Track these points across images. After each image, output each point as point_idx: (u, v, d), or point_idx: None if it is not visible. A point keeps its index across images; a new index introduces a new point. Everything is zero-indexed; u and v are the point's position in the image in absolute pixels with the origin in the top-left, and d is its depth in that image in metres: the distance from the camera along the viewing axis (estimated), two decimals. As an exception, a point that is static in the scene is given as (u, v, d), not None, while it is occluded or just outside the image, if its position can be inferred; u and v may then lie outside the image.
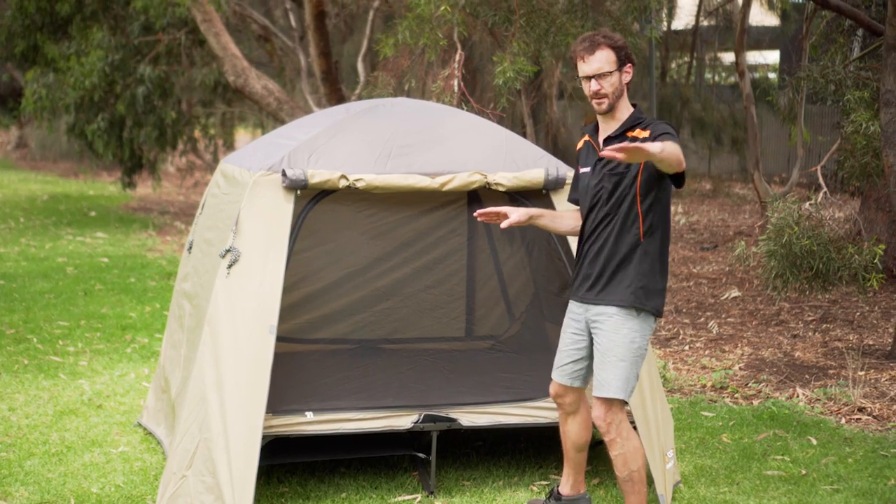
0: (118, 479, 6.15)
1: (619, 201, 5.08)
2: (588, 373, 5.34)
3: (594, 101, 5.14)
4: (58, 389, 7.95)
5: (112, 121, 18.20)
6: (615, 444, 5.20)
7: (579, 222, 5.34)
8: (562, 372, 5.39)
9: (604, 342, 5.14)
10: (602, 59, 5.09)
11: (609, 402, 5.16)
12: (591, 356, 5.29)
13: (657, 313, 5.18)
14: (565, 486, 5.68)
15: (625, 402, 5.21)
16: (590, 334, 5.24)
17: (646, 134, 5.05)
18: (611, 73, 5.09)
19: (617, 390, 5.12)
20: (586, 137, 5.34)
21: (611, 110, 5.15)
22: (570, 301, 5.36)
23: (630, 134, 5.11)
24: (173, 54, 18.13)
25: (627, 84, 5.18)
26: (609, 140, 5.17)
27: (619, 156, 4.63)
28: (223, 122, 23.12)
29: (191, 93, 19.39)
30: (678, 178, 5.01)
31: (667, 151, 4.71)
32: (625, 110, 5.18)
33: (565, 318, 5.39)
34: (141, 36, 17.61)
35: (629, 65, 5.16)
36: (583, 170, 5.32)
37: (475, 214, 5.28)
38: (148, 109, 18.07)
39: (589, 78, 5.11)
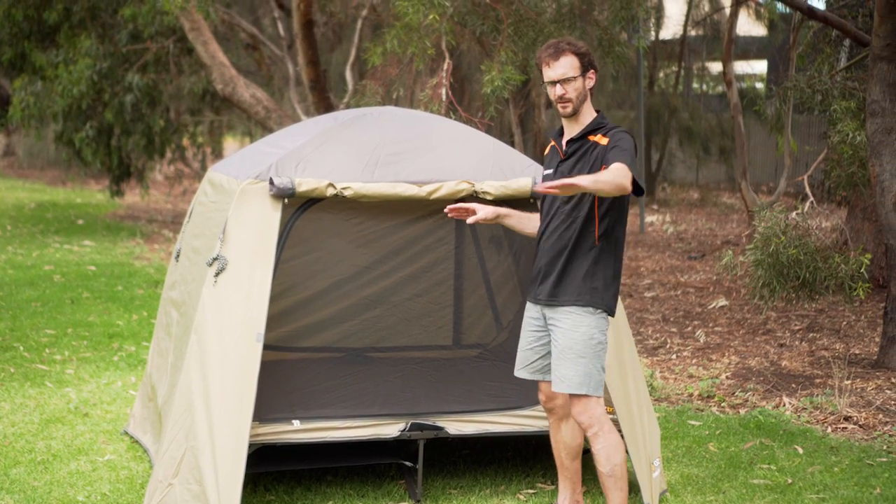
0: (104, 488, 6.14)
1: (577, 205, 5.22)
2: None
3: (559, 105, 5.30)
4: (44, 398, 7.93)
5: (100, 129, 18.19)
6: (598, 437, 5.26)
7: None
8: (531, 369, 5.46)
9: (562, 340, 5.24)
10: (566, 65, 5.24)
11: (582, 398, 5.24)
12: None
13: (610, 313, 5.29)
14: (565, 500, 5.68)
15: (600, 396, 5.27)
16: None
17: (605, 141, 5.19)
18: (574, 78, 5.25)
19: (579, 386, 5.20)
20: (552, 141, 5.47)
21: (575, 114, 5.31)
22: (528, 302, 5.45)
23: (591, 138, 5.26)
24: (161, 62, 18.12)
25: (591, 90, 5.34)
26: (571, 143, 5.33)
27: (554, 191, 4.83)
28: (211, 130, 23.12)
29: (179, 101, 19.39)
30: (635, 188, 5.10)
31: (602, 181, 4.90)
32: (588, 115, 5.34)
33: (524, 318, 5.48)
34: (129, 44, 17.60)
35: (592, 71, 5.32)
36: (545, 171, 5.48)
37: (446, 210, 5.45)
38: (136, 118, 18.06)
39: (554, 83, 5.27)
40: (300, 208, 5.92)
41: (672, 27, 24.70)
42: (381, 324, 7.45)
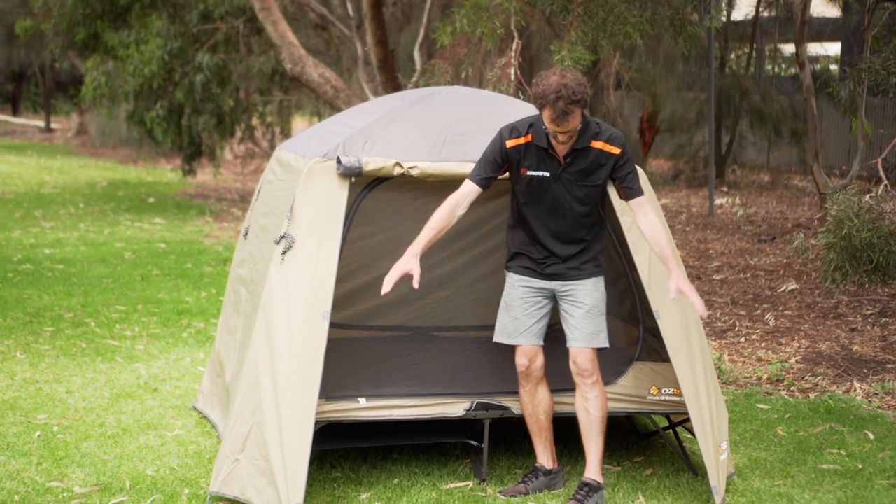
0: (173, 462, 6.21)
1: (589, 203, 5.66)
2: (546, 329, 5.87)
3: (560, 144, 5.52)
4: (114, 373, 8.04)
5: (171, 108, 18.35)
6: (597, 385, 5.74)
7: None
8: (529, 333, 5.83)
9: (588, 300, 5.73)
10: (577, 119, 5.44)
11: (596, 350, 5.76)
12: (550, 315, 5.86)
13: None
14: (548, 461, 5.96)
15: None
16: (552, 299, 5.81)
17: (616, 151, 5.58)
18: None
19: (606, 340, 5.78)
20: (525, 139, 5.62)
21: None
22: (527, 277, 5.79)
23: (593, 144, 5.55)
24: (231, 42, 18.23)
25: None
26: (576, 152, 5.56)
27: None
28: (280, 109, 23.23)
29: (248, 81, 19.50)
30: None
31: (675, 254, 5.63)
32: None
33: (514, 291, 5.82)
34: (199, 24, 17.73)
35: None
36: (530, 173, 5.65)
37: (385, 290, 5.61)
38: (206, 97, 18.19)
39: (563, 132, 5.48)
40: (367, 187, 5.92)
41: (744, 8, 24.39)
42: (448, 304, 7.45)
